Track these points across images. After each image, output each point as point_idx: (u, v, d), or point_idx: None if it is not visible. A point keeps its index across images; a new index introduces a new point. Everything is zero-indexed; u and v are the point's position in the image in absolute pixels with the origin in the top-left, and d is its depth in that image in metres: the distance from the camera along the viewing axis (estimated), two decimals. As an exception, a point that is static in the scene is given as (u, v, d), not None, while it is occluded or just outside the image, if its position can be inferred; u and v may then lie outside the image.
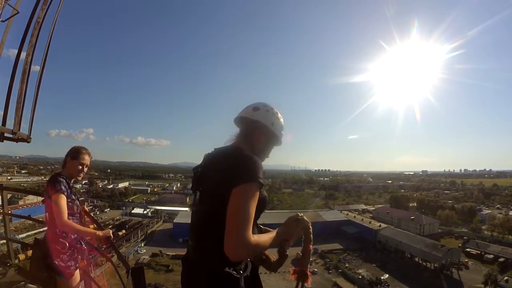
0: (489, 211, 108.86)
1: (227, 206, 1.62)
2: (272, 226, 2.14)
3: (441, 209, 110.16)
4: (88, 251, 3.78)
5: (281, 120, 2.10)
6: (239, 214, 1.58)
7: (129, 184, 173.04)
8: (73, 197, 3.34)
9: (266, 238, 1.78)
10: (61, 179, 3.20)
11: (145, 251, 68.54)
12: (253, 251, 1.67)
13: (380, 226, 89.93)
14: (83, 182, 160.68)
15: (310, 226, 2.01)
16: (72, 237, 3.35)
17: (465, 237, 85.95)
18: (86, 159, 3.45)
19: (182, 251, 58.41)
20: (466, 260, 69.57)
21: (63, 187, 3.15)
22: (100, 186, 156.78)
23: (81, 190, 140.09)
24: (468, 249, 75.39)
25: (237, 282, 1.74)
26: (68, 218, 3.14)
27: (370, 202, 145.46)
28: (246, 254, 1.68)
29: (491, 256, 69.54)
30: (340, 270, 67.04)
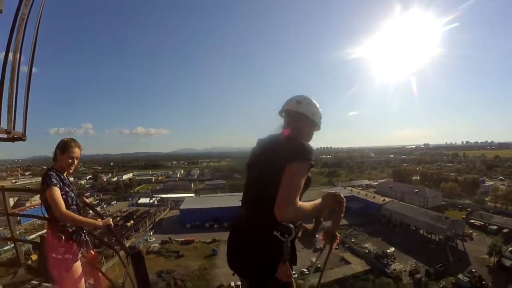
0: (492, 183, 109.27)
1: (276, 178, 1.99)
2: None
3: (444, 181, 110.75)
4: (91, 242, 3.81)
5: (320, 109, 2.47)
6: (290, 184, 1.96)
7: (133, 175, 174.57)
8: (67, 189, 3.33)
9: (308, 205, 2.10)
10: (51, 173, 3.22)
11: (154, 239, 69.67)
12: (297, 214, 2.01)
13: (384, 200, 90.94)
14: (88, 177, 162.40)
15: (344, 202, 2.43)
16: (70, 230, 3.36)
17: (468, 209, 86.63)
18: (76, 152, 3.45)
19: (191, 237, 59.58)
20: (470, 232, 70.56)
21: (54, 180, 3.15)
22: (105, 179, 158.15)
23: (86, 186, 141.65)
24: (472, 221, 76.19)
25: (282, 245, 2.07)
26: None
27: (373, 177, 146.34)
28: (292, 216, 2.00)
29: (495, 227, 70.35)
30: (346, 245, 68.21)
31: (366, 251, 64.66)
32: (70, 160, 3.40)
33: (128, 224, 76.58)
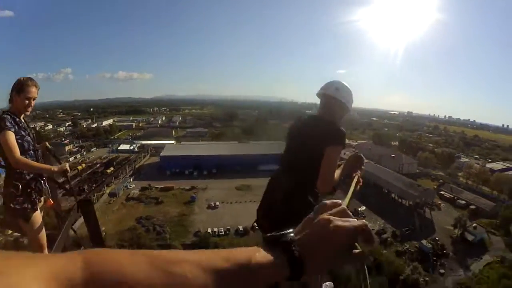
0: (467, 160, 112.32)
1: (316, 154, 2.51)
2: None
3: (422, 151, 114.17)
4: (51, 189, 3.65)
5: (353, 96, 2.83)
6: (331, 164, 2.51)
7: (114, 121, 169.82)
8: (23, 133, 3.15)
9: (338, 173, 2.61)
10: (5, 116, 3.01)
11: (134, 186, 69.96)
12: (334, 184, 2.53)
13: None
14: (67, 124, 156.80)
15: (363, 158, 2.78)
16: (28, 177, 3.22)
17: (440, 180, 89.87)
18: (33, 91, 3.19)
19: (170, 183, 59.71)
20: (439, 202, 73.86)
21: (8, 124, 2.96)
22: (84, 126, 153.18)
23: (66, 133, 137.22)
24: (442, 192, 79.53)
25: (311, 208, 1.78)
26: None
27: (354, 137, 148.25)
28: (330, 188, 2.51)
29: (463, 202, 73.68)
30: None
31: (340, 207, 67.46)
32: (27, 101, 3.16)
33: (108, 171, 75.90)
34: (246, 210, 63.13)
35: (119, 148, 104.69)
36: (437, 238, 57.12)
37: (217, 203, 64.33)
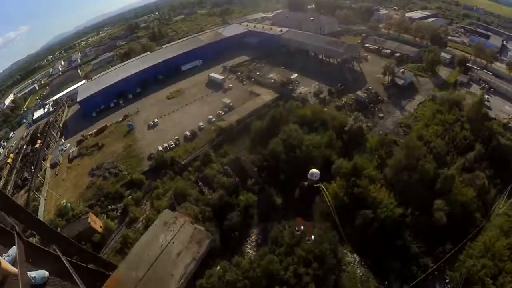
0: (386, 11, 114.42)
1: None
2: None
3: (339, 9, 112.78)
4: None
5: None
6: None
7: (14, 94, 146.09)
8: None
9: None
10: None
11: (69, 144, 65.92)
12: None
13: (281, 31, 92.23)
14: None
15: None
16: None
17: (363, 34, 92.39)
18: None
19: (101, 124, 57.46)
20: (366, 54, 78.29)
21: None
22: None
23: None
24: (367, 45, 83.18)
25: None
26: None
27: (269, 9, 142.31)
28: None
29: (388, 51, 78.06)
30: (252, 79, 72.76)
31: (272, 81, 70.02)
32: None
33: (37, 145, 69.65)
34: (185, 115, 63.92)
35: (34, 118, 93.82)
36: (370, 87, 62.11)
37: (155, 120, 63.63)
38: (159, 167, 49.47)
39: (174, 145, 54.90)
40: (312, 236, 14.40)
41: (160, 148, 54.15)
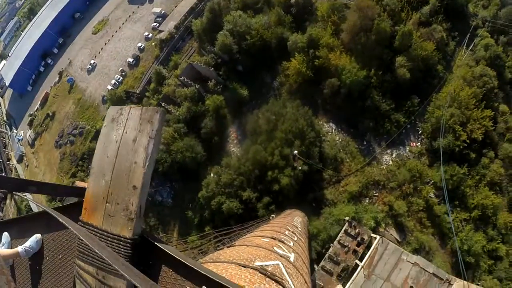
0: None
1: None
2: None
3: None
4: None
5: None
6: None
7: None
8: None
9: None
10: None
11: (22, 131, 61.70)
12: None
13: None
14: None
15: None
16: None
17: None
18: None
19: (42, 93, 52.53)
20: None
21: None
22: None
23: None
24: None
25: None
26: None
27: None
28: None
29: None
30: None
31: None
32: None
33: None
34: (120, 42, 57.07)
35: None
36: None
37: (92, 62, 57.32)
38: (118, 105, 46.41)
39: (121, 77, 50.50)
40: None
41: (109, 87, 49.98)
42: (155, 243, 3.08)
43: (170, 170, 35.77)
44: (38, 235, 3.63)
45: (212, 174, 34.63)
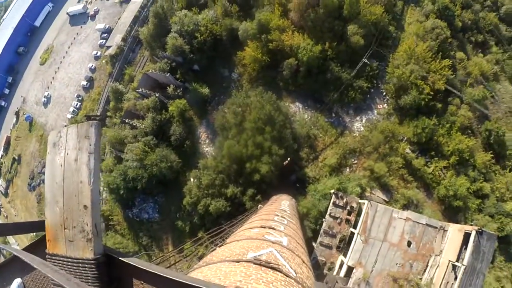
0: None
1: None
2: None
3: None
4: None
5: None
6: None
7: None
8: None
9: None
10: None
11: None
12: None
13: None
14: None
15: None
16: None
17: None
18: None
19: (2, 140, 50.73)
20: None
21: None
22: None
23: None
24: None
25: None
26: None
27: None
28: None
29: None
30: (111, -14, 59.61)
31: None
32: None
33: None
34: (70, 67, 54.88)
35: None
36: None
37: (46, 94, 55.04)
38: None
39: (79, 103, 48.88)
40: None
41: (68, 116, 48.46)
42: (119, 257, 3.08)
43: (149, 185, 34.92)
44: (19, 279, 3.55)
45: (192, 179, 34.15)
